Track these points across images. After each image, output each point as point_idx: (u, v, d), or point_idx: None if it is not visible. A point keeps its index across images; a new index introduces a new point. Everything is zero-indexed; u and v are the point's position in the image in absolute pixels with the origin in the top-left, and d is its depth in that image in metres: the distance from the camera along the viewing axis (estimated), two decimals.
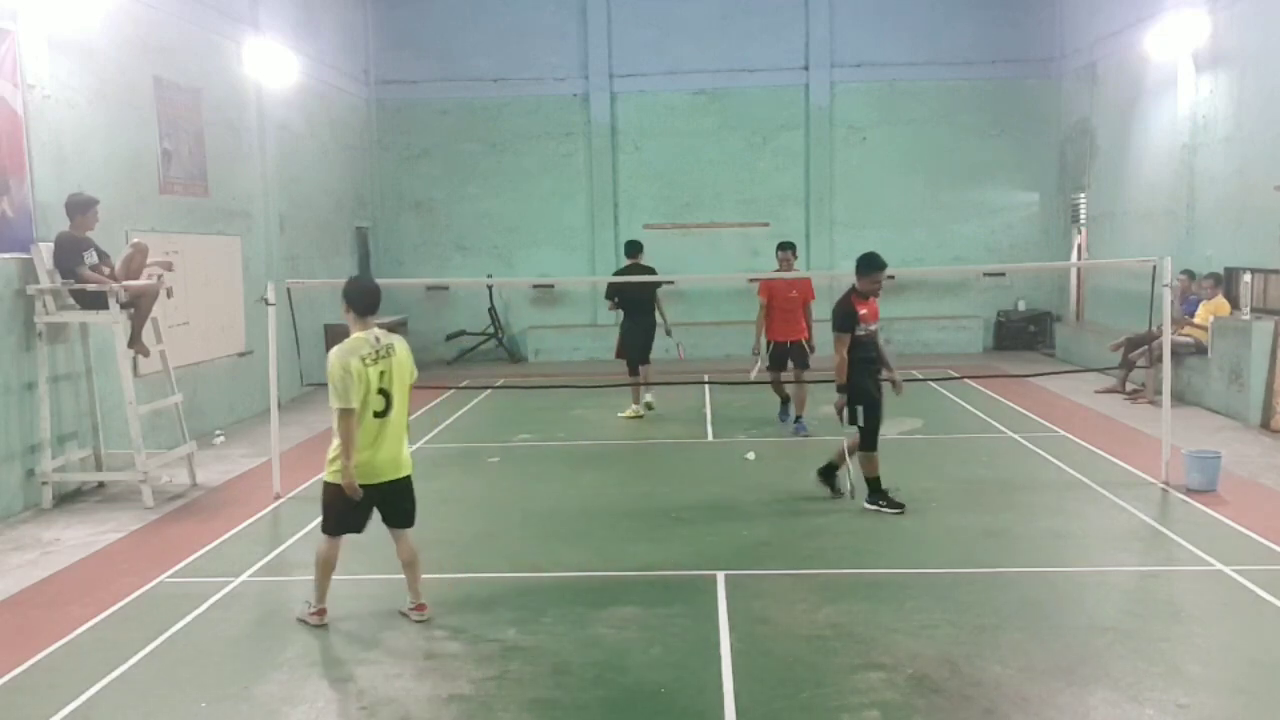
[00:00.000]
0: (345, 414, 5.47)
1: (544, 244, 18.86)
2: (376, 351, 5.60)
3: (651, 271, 12.45)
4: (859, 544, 7.31)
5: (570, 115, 18.74)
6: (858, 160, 18.52)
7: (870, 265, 8.21)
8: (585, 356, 18.14)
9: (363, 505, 5.71)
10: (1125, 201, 15.57)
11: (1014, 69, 18.21)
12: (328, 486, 5.75)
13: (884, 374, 8.26)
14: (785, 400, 11.49)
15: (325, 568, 5.87)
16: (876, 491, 8.03)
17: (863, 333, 7.96)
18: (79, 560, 7.28)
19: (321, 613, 5.88)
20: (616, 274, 13.22)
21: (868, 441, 8.01)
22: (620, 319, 12.73)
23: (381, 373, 5.58)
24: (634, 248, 12.37)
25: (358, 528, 5.86)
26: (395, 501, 5.86)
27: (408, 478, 5.87)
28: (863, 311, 8.02)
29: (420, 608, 5.91)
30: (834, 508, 8.23)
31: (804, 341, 11.24)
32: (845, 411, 7.93)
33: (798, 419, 11.25)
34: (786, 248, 11.46)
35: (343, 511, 5.73)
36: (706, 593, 6.29)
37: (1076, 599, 6.13)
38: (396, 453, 5.74)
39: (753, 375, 11.37)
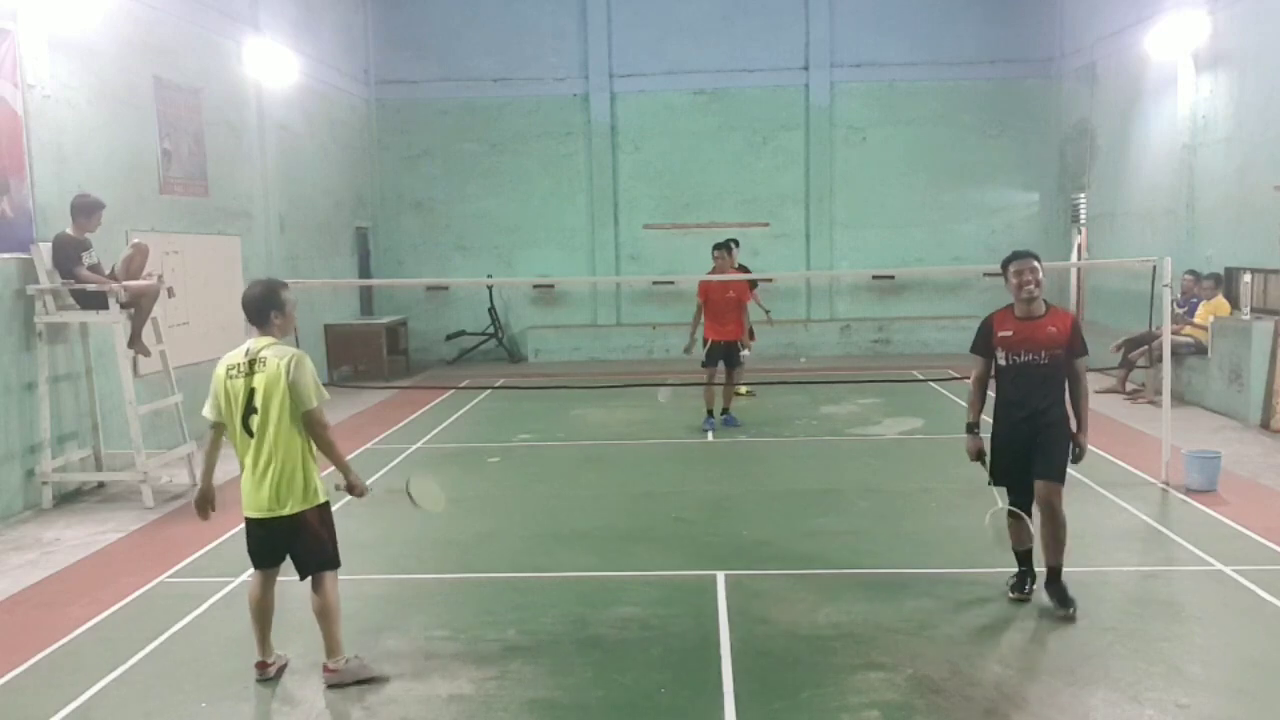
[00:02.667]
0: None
1: (544, 244, 18.87)
2: (246, 364, 4.94)
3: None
4: (859, 544, 7.31)
5: (570, 115, 18.74)
6: (858, 160, 18.53)
7: (1009, 258, 5.94)
8: (585, 357, 18.17)
9: (259, 540, 5.08)
10: (1125, 201, 15.57)
11: (1014, 69, 18.21)
12: None
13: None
14: (711, 412, 11.54)
15: (251, 609, 5.16)
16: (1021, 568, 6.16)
17: (1003, 362, 5.88)
18: (79, 560, 7.28)
19: (261, 666, 5.18)
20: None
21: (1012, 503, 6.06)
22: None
23: (252, 389, 4.90)
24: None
25: (263, 563, 5.14)
26: (287, 544, 5.06)
27: (294, 518, 4.98)
28: (1003, 333, 5.85)
29: (330, 670, 5.08)
30: (834, 507, 8.23)
31: (738, 342, 11.49)
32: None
33: (725, 411, 11.57)
34: (722, 248, 11.70)
35: (248, 539, 5.13)
36: (706, 593, 6.29)
37: (1077, 599, 6.12)
38: (270, 483, 4.94)
39: (662, 399, 11.57)
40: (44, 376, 8.68)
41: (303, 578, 5.13)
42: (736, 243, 12.19)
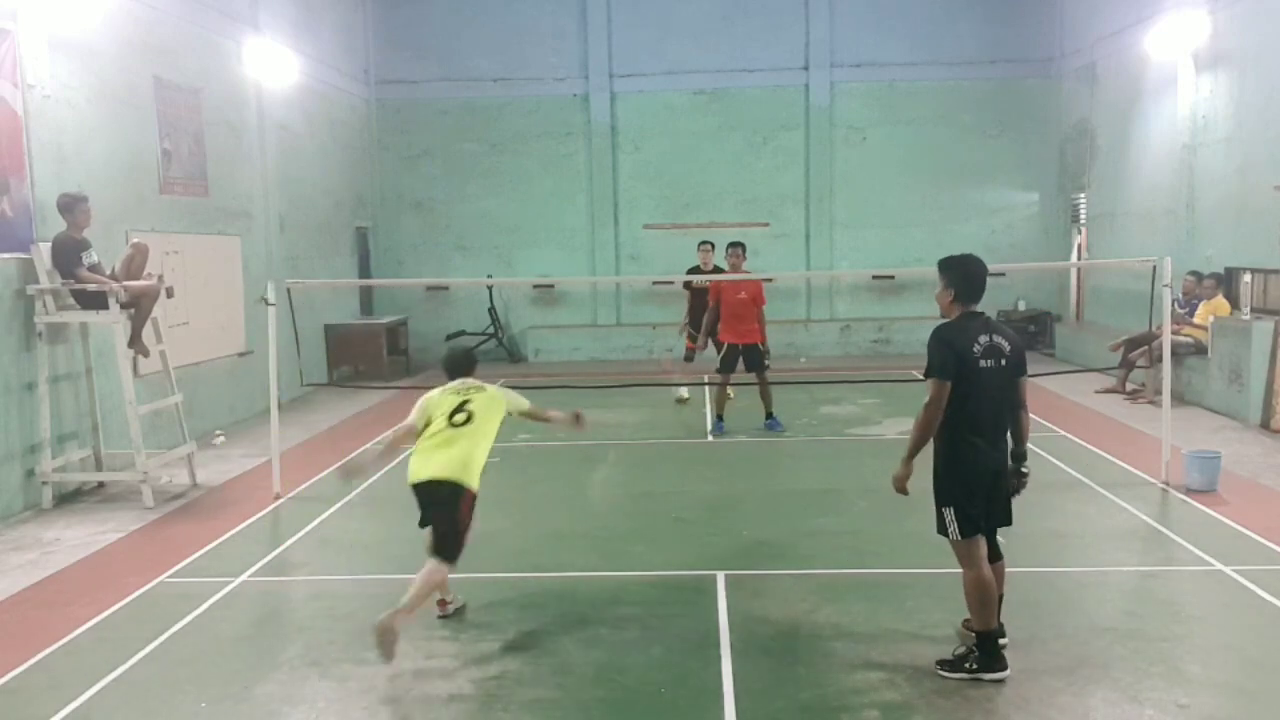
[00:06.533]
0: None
1: (544, 244, 18.87)
2: (462, 387, 6.21)
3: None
4: (859, 544, 7.31)
5: (570, 115, 18.74)
6: (858, 160, 18.52)
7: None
8: (586, 356, 18.16)
9: (420, 503, 5.89)
10: (1125, 201, 15.57)
11: (1014, 69, 18.21)
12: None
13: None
14: (721, 417, 11.40)
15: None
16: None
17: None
18: (79, 560, 7.28)
19: (443, 603, 6.05)
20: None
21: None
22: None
23: (465, 400, 6.03)
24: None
25: (425, 522, 5.89)
26: (436, 508, 5.81)
27: (456, 486, 5.80)
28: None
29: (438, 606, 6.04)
30: (834, 507, 8.22)
31: (758, 345, 11.07)
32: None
33: (770, 416, 11.28)
34: (735, 246, 11.31)
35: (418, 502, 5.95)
36: (706, 593, 6.30)
37: (1076, 599, 6.13)
38: (454, 457, 5.82)
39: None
40: (44, 376, 8.67)
41: (430, 552, 5.68)
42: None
